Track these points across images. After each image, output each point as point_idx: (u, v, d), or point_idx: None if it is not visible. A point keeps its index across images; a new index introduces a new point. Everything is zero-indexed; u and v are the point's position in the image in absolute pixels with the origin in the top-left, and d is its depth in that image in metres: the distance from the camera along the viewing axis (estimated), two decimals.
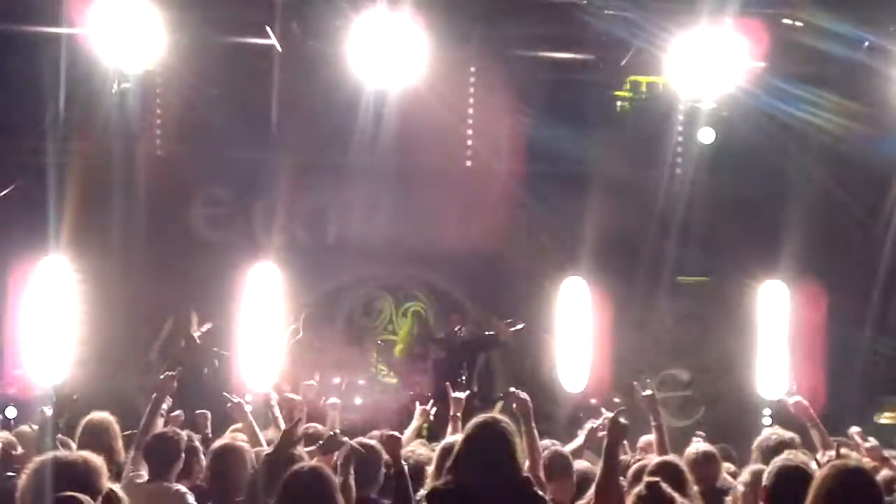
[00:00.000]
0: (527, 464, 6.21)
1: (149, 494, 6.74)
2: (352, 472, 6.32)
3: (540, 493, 5.66)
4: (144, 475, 6.96)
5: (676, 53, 12.17)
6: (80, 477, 5.02)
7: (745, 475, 6.56)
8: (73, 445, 7.10)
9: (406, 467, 6.17)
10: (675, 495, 5.16)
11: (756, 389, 13.55)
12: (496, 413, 5.94)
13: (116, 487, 5.26)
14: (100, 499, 5.06)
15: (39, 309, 12.12)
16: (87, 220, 12.84)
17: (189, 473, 7.19)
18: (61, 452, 5.35)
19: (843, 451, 7.32)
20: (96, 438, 7.16)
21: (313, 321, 13.68)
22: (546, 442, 7.35)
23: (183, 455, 7.07)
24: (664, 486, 5.16)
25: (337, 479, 5.74)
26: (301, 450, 6.64)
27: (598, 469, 5.98)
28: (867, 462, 7.16)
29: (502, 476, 5.45)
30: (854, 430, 8.31)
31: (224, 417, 8.53)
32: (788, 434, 7.74)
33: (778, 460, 5.51)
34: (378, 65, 11.77)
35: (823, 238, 13.63)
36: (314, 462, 6.05)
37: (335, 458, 6.51)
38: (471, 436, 5.55)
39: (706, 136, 14.02)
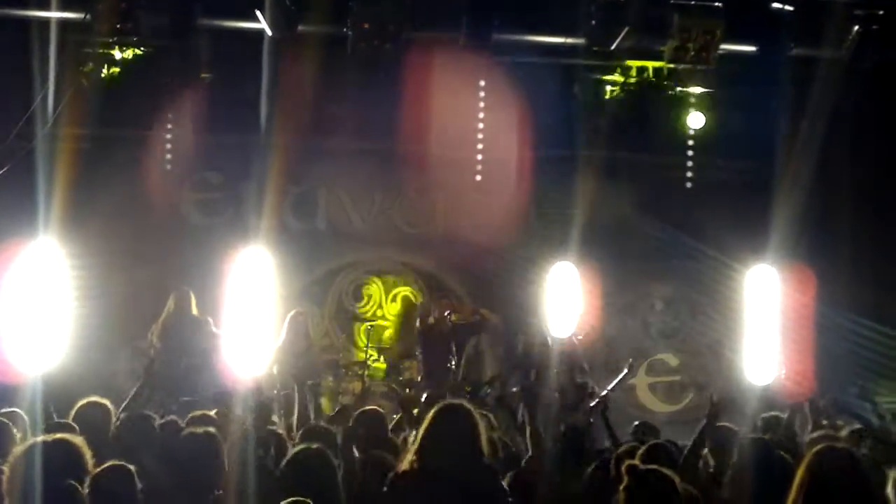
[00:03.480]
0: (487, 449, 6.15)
1: None
2: None
3: (501, 482, 5.65)
4: None
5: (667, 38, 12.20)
6: (66, 461, 5.03)
7: None
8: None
9: None
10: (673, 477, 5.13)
11: (745, 374, 13.56)
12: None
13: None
14: (87, 480, 5.10)
15: (28, 292, 12.07)
16: (76, 203, 12.80)
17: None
18: (48, 437, 5.34)
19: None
20: (90, 423, 7.16)
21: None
22: None
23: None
24: (641, 467, 5.16)
25: None
26: None
27: None
28: None
29: (464, 462, 5.40)
30: None
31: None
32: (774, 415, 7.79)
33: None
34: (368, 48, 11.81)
35: (812, 222, 13.65)
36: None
37: None
38: (434, 421, 5.51)
39: (696, 120, 14.05)
